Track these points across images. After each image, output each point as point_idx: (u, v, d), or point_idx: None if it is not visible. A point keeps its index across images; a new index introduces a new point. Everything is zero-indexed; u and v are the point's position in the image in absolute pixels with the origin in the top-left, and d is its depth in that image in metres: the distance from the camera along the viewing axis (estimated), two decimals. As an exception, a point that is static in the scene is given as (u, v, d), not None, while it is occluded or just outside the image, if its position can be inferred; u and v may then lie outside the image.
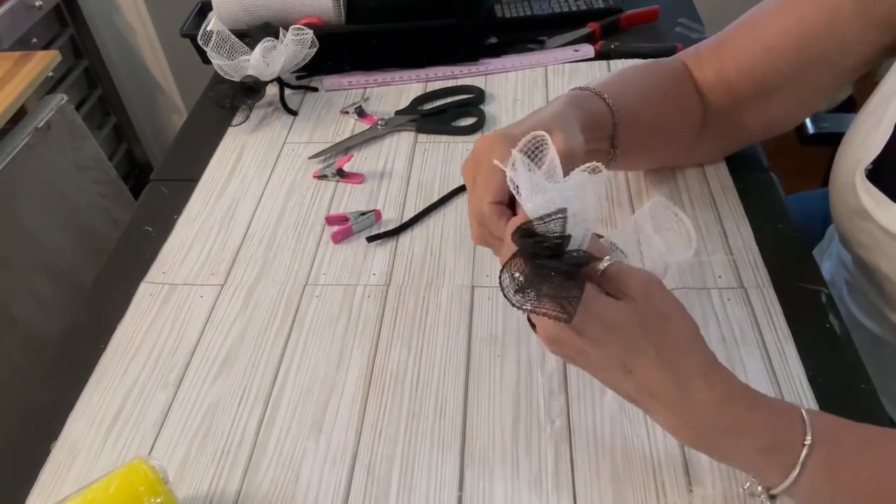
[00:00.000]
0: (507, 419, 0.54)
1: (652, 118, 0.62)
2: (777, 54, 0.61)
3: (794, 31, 0.60)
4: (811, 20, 0.59)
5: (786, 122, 0.68)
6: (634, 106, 0.59)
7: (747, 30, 0.64)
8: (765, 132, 0.69)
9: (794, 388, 0.54)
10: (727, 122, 0.67)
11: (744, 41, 0.64)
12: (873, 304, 0.64)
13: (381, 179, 0.78)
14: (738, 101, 0.65)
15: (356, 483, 0.52)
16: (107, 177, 1.29)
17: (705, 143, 0.69)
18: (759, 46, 0.62)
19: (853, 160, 0.58)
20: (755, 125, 0.67)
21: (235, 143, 0.86)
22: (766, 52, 0.62)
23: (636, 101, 0.60)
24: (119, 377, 0.61)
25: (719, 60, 0.65)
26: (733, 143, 0.72)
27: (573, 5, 1.02)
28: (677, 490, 0.49)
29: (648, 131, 0.62)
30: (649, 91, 0.63)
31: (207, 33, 0.85)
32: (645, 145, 0.65)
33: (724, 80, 0.64)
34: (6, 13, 1.40)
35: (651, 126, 0.62)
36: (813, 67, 0.61)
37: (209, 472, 0.53)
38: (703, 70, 0.66)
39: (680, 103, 0.65)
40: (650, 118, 0.62)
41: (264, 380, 0.59)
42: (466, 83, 0.90)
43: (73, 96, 1.55)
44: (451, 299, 0.64)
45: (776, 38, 0.61)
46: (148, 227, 0.76)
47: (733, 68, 0.64)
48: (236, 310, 0.65)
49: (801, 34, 0.60)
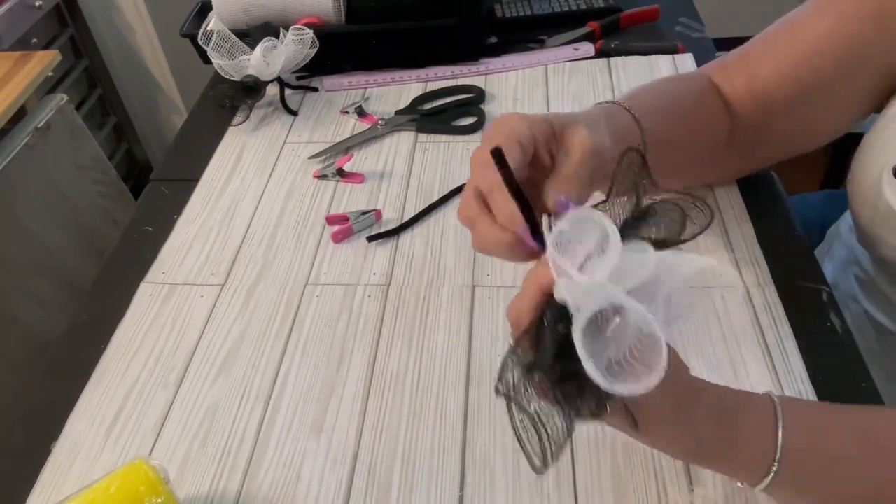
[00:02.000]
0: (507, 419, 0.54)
1: (678, 134, 0.59)
2: (823, 56, 0.58)
3: (840, 31, 0.57)
4: (859, 19, 0.56)
5: (823, 132, 0.63)
6: (661, 121, 0.56)
7: (787, 32, 0.61)
8: (797, 145, 0.64)
9: (796, 386, 0.53)
10: (757, 135, 0.63)
11: (783, 45, 0.60)
12: (892, 302, 0.64)
13: (382, 179, 0.78)
14: (771, 110, 0.61)
15: (357, 483, 0.52)
16: (107, 177, 1.29)
17: (732, 160, 0.65)
18: (801, 49, 0.59)
19: (879, 160, 0.57)
20: (789, 136, 0.64)
21: (235, 142, 0.86)
22: (810, 54, 0.58)
23: (663, 117, 0.57)
24: (119, 377, 0.61)
25: (749, 69, 0.61)
26: (762, 158, 0.68)
27: (573, 4, 1.02)
28: (678, 490, 0.49)
29: (674, 147, 0.59)
30: (675, 105, 0.60)
31: (208, 33, 0.85)
32: (669, 163, 0.60)
33: (755, 90, 0.61)
34: (6, 13, 1.40)
35: (677, 142, 0.59)
36: (859, 69, 0.58)
37: (210, 473, 0.53)
38: (731, 81, 0.62)
39: (706, 118, 0.61)
40: (676, 134, 0.59)
41: (265, 380, 0.59)
42: (466, 83, 0.90)
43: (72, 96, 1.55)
44: (452, 299, 0.64)
45: (820, 40, 0.58)
46: (148, 227, 0.76)
47: (769, 74, 0.60)
48: (236, 310, 0.65)
49: (848, 34, 0.57)
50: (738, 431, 0.42)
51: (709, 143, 0.62)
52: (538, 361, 0.35)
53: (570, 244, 0.35)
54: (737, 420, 0.42)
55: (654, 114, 0.55)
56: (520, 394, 0.36)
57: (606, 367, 0.33)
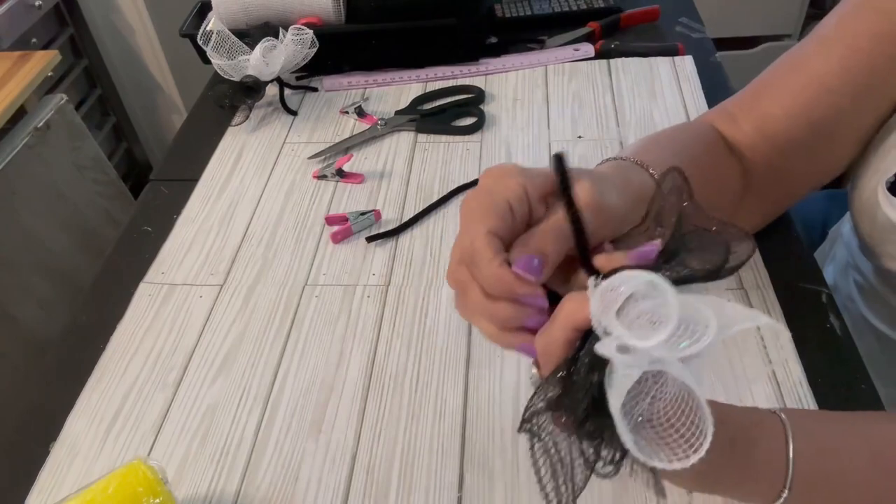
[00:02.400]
0: (507, 419, 0.54)
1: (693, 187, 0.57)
2: (837, 93, 0.56)
3: (852, 65, 0.55)
4: (869, 52, 0.54)
5: (841, 164, 0.61)
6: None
7: (792, 72, 0.58)
8: (818, 181, 0.62)
9: (794, 388, 0.53)
10: (774, 178, 0.60)
11: (792, 85, 0.58)
12: (892, 309, 0.64)
13: (381, 179, 0.78)
14: (786, 152, 0.58)
15: (355, 484, 0.51)
16: (106, 177, 1.29)
17: (748, 210, 0.61)
18: (815, 87, 0.56)
19: (876, 174, 0.56)
20: (808, 174, 0.61)
21: (235, 143, 0.86)
22: (823, 92, 0.56)
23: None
24: (118, 377, 0.61)
25: (759, 112, 0.59)
26: (782, 201, 0.65)
27: (573, 5, 1.02)
28: (678, 490, 0.49)
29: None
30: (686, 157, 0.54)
31: (207, 33, 0.85)
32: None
33: (767, 132, 0.58)
34: (6, 13, 1.40)
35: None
36: (875, 100, 0.56)
37: (208, 473, 0.53)
38: (739, 126, 0.59)
39: (717, 167, 0.58)
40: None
41: (264, 380, 0.59)
42: (466, 83, 0.90)
43: (72, 96, 1.55)
44: (451, 299, 0.64)
45: (833, 76, 0.55)
46: (147, 227, 0.76)
47: (781, 115, 0.57)
48: (236, 310, 0.65)
49: (862, 68, 0.55)
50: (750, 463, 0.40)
51: (722, 193, 0.58)
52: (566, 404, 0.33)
53: (614, 294, 0.32)
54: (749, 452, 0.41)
55: (662, 167, 0.50)
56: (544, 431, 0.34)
57: (637, 423, 0.31)
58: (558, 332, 0.34)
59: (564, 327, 0.34)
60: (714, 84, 0.85)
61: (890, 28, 0.53)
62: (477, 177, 0.76)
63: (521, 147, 0.80)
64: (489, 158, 0.79)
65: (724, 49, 1.78)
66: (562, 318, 0.34)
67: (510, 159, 0.79)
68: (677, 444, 0.31)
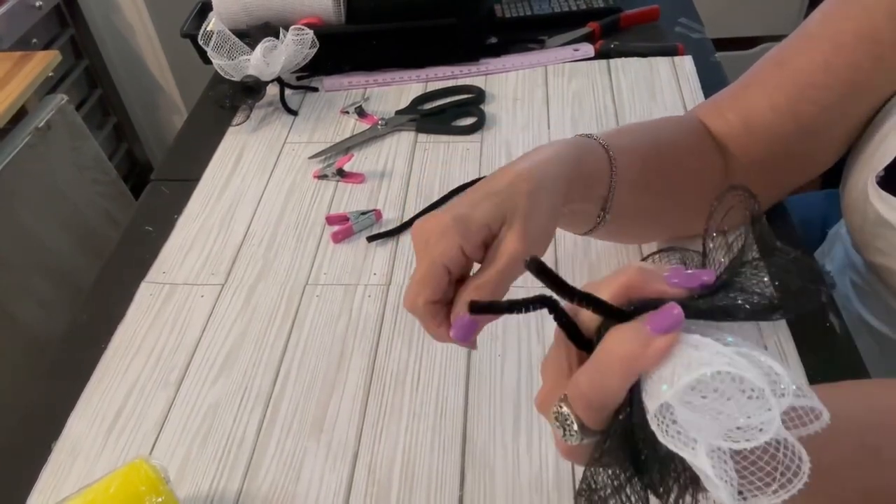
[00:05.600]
0: (507, 418, 0.54)
1: (665, 177, 0.56)
2: (821, 88, 0.56)
3: (837, 62, 0.55)
4: (854, 50, 0.54)
5: (826, 160, 0.61)
6: (641, 163, 0.53)
7: (778, 67, 0.59)
8: (801, 176, 0.63)
9: (795, 387, 0.54)
10: (758, 171, 0.60)
11: (778, 79, 0.58)
12: (888, 307, 0.64)
13: (382, 179, 0.78)
14: (772, 146, 0.59)
15: (357, 483, 0.52)
16: (107, 177, 1.29)
17: None
18: (800, 82, 0.57)
19: (866, 169, 0.56)
20: (791, 169, 0.62)
21: (235, 143, 0.86)
22: (808, 86, 0.57)
23: (645, 157, 0.54)
24: (120, 377, 0.61)
25: (745, 105, 0.59)
26: (766, 197, 0.64)
27: (573, 5, 1.02)
28: (678, 489, 0.49)
29: (657, 194, 0.56)
30: (661, 146, 0.56)
31: (208, 33, 0.85)
32: (652, 209, 0.57)
33: (752, 126, 0.59)
34: (6, 13, 1.40)
35: (659, 186, 0.56)
36: (860, 97, 0.57)
37: (210, 472, 0.53)
38: (725, 117, 0.60)
39: (697, 159, 0.58)
40: (662, 177, 0.56)
41: (265, 379, 0.59)
42: (466, 83, 0.90)
43: (73, 96, 1.55)
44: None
45: (817, 72, 0.56)
46: (148, 227, 0.76)
47: (766, 109, 0.58)
48: (237, 310, 0.65)
49: (846, 65, 0.55)
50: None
51: (701, 186, 0.58)
52: (639, 471, 0.30)
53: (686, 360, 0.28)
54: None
55: (632, 153, 0.52)
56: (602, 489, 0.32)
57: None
58: (615, 381, 0.30)
59: (625, 376, 0.29)
60: (713, 84, 0.85)
61: (872, 26, 0.54)
62: (477, 177, 0.76)
63: (521, 147, 0.80)
64: (489, 158, 0.79)
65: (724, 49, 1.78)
66: (619, 364, 0.29)
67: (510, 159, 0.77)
68: (758, 478, 0.28)
